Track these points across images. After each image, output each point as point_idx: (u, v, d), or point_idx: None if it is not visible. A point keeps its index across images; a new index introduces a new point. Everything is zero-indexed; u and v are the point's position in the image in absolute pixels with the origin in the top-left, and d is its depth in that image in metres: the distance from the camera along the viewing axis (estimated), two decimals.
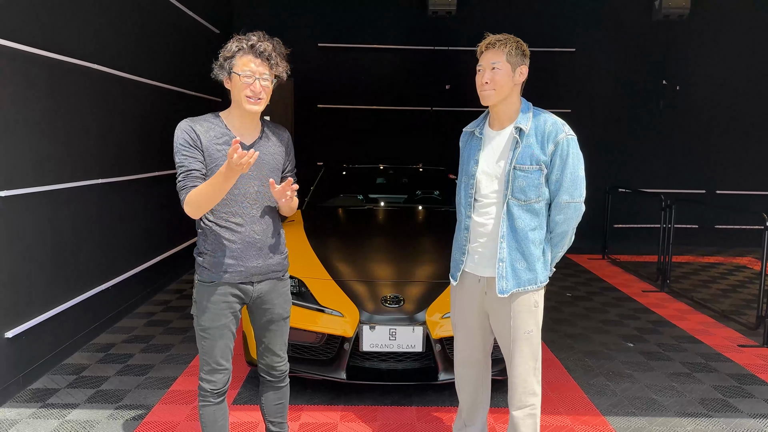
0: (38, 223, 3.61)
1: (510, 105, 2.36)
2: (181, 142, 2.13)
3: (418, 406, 3.35)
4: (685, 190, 8.32)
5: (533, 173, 2.28)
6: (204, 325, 2.24)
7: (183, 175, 2.13)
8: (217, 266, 2.20)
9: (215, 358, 2.27)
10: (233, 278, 2.22)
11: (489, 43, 2.33)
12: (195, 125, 2.15)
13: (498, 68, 2.28)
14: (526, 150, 2.29)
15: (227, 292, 2.23)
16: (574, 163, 2.29)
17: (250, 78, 2.10)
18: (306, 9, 8.11)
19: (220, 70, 2.16)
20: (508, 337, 2.40)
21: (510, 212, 2.31)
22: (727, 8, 8.15)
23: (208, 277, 2.21)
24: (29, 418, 3.15)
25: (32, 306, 3.56)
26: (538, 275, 2.36)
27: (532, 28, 8.15)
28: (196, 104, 6.44)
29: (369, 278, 3.45)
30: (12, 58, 3.35)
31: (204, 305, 2.23)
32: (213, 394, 2.30)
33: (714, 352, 4.29)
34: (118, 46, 4.65)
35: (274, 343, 2.43)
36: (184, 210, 2.12)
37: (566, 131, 2.30)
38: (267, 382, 2.52)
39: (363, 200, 5.01)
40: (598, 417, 3.27)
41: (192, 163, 2.13)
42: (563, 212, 2.31)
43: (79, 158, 4.06)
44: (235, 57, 2.12)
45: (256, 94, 2.13)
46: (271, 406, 2.55)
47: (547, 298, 5.55)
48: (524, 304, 2.36)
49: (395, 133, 8.39)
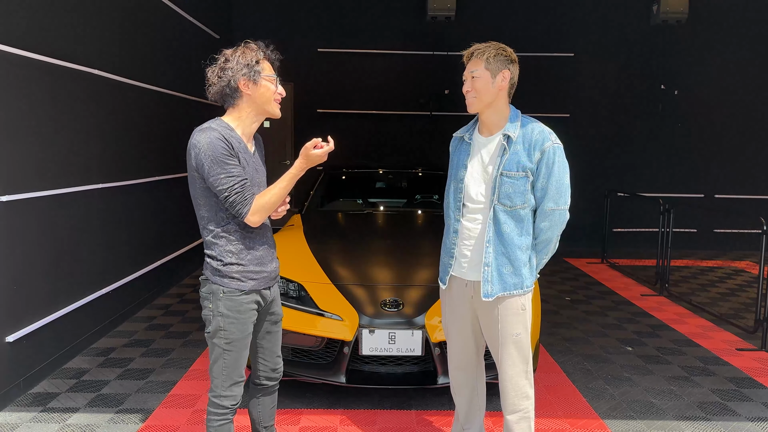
0: (39, 228, 3.63)
1: (498, 112, 2.39)
2: (224, 153, 2.09)
3: (417, 409, 3.36)
4: (684, 194, 8.35)
5: (519, 180, 2.32)
6: (232, 337, 2.20)
7: (240, 186, 2.10)
8: (246, 275, 2.21)
9: (239, 370, 2.25)
10: (259, 285, 2.24)
11: (469, 53, 2.39)
12: (224, 135, 2.12)
13: (476, 76, 2.34)
14: (513, 157, 2.33)
15: (252, 300, 2.24)
16: (560, 172, 2.32)
17: (274, 81, 2.21)
18: (306, 14, 8.15)
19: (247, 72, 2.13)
20: (496, 341, 2.43)
21: (496, 217, 2.35)
22: (725, 13, 8.20)
23: (238, 287, 2.19)
24: (30, 422, 3.16)
25: (33, 310, 3.57)
26: (524, 280, 2.38)
27: (531, 33, 8.19)
28: (195, 109, 6.47)
29: (368, 282, 3.47)
30: (14, 63, 3.37)
31: (232, 317, 2.19)
32: (232, 409, 2.28)
33: (712, 356, 4.30)
34: (119, 51, 4.68)
35: (276, 344, 2.46)
36: (249, 219, 2.12)
37: (553, 140, 2.34)
38: (264, 389, 2.50)
39: (362, 204, 5.03)
40: (596, 420, 3.28)
41: (242, 173, 2.12)
42: (548, 219, 2.35)
43: (80, 163, 4.08)
44: (259, 63, 2.17)
45: (282, 96, 2.24)
46: (267, 410, 2.54)
47: (546, 301, 5.59)
48: (511, 308, 2.39)
49: (394, 137, 8.42)
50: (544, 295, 5.60)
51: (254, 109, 2.21)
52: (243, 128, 2.23)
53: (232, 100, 2.19)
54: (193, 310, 5.16)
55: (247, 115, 2.22)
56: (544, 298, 5.45)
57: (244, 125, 2.23)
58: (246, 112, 2.21)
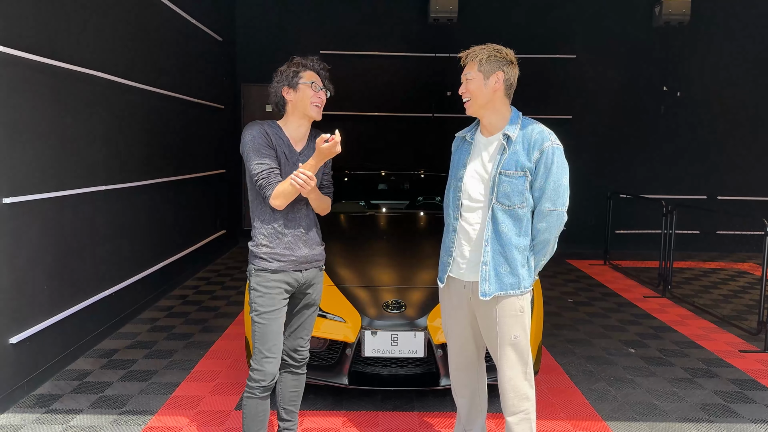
0: (42, 229, 3.64)
1: (498, 113, 2.41)
2: (260, 142, 2.43)
3: (419, 411, 3.36)
4: (686, 195, 8.34)
5: (518, 179, 2.33)
6: (261, 309, 2.47)
7: (267, 172, 2.41)
8: (273, 256, 2.48)
9: (267, 344, 2.47)
10: (287, 267, 2.50)
11: (465, 56, 2.43)
12: (265, 128, 2.47)
13: (470, 78, 2.38)
14: (512, 156, 2.34)
15: (281, 279, 2.49)
16: (558, 172, 2.33)
17: (316, 88, 2.46)
18: (308, 16, 8.17)
19: (286, 81, 2.46)
20: (494, 343, 2.44)
21: (495, 217, 2.36)
22: (727, 15, 8.20)
23: (265, 266, 2.48)
24: (33, 423, 3.17)
25: (36, 311, 3.58)
26: (521, 280, 2.38)
27: (533, 34, 8.19)
28: (199, 111, 6.49)
29: (371, 284, 3.47)
30: (18, 66, 3.39)
31: (261, 291, 2.48)
32: (260, 387, 2.48)
33: (715, 358, 4.30)
34: (122, 54, 4.70)
35: (303, 327, 2.67)
36: (272, 202, 2.41)
37: (552, 140, 2.34)
38: (287, 365, 2.70)
39: (365, 206, 5.04)
40: (599, 422, 3.28)
41: (273, 162, 2.44)
42: (545, 220, 2.35)
43: (83, 165, 4.09)
44: (301, 72, 2.47)
45: (322, 102, 2.49)
46: (288, 391, 2.72)
47: (548, 303, 5.58)
48: (508, 309, 2.39)
49: (397, 139, 8.43)
50: (546, 297, 5.60)
51: (297, 113, 2.51)
52: (290, 130, 2.54)
53: (282, 107, 2.54)
54: (195, 312, 5.17)
55: (293, 118, 2.53)
56: (546, 300, 5.45)
57: (291, 128, 2.54)
58: (291, 116, 2.53)
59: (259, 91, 8.31)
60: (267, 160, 2.43)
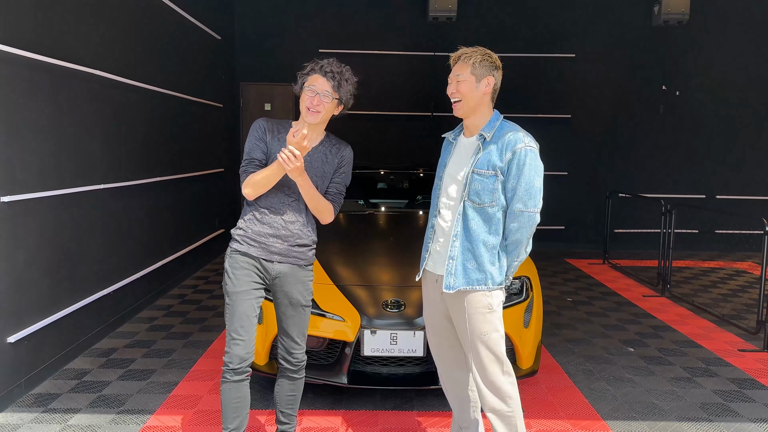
0: (41, 228, 3.63)
1: (481, 116, 2.46)
2: (255, 135, 2.53)
3: (419, 410, 3.36)
4: (686, 195, 8.34)
5: (489, 178, 2.37)
6: (229, 290, 2.51)
7: (246, 162, 2.51)
8: (245, 240, 2.53)
9: (234, 325, 2.48)
10: (256, 252, 2.52)
11: (456, 56, 2.46)
12: (268, 123, 2.56)
13: (461, 80, 2.41)
14: (486, 156, 2.39)
15: (251, 264, 2.52)
16: (531, 174, 2.34)
17: (312, 92, 2.46)
18: (307, 15, 8.16)
19: (297, 83, 2.54)
20: (466, 340, 2.46)
21: (465, 213, 2.42)
22: (726, 14, 8.20)
23: (237, 247, 2.54)
24: (31, 422, 3.16)
25: (34, 310, 3.57)
26: (488, 277, 2.40)
27: (532, 33, 8.19)
28: (197, 110, 6.47)
29: (370, 283, 3.47)
30: (17, 64, 3.38)
31: (230, 272, 2.52)
32: (229, 370, 2.48)
33: (714, 357, 4.30)
34: (121, 52, 4.69)
35: (292, 329, 2.64)
36: (243, 191, 2.48)
37: (526, 142, 2.36)
38: (283, 369, 2.70)
39: (364, 205, 5.03)
40: (598, 421, 3.27)
41: (256, 153, 2.51)
42: (517, 220, 2.37)
43: (82, 164, 4.08)
44: (307, 75, 2.51)
45: (314, 106, 2.46)
46: (284, 395, 2.73)
47: (548, 302, 5.58)
48: (476, 306, 2.41)
49: (396, 138, 8.42)
50: (546, 297, 5.60)
51: (302, 114, 2.53)
52: None
53: None
54: (194, 311, 5.16)
55: (302, 119, 2.55)
56: (546, 300, 5.44)
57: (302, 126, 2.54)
58: (302, 116, 2.55)
59: (258, 89, 8.30)
60: (253, 152, 2.51)
